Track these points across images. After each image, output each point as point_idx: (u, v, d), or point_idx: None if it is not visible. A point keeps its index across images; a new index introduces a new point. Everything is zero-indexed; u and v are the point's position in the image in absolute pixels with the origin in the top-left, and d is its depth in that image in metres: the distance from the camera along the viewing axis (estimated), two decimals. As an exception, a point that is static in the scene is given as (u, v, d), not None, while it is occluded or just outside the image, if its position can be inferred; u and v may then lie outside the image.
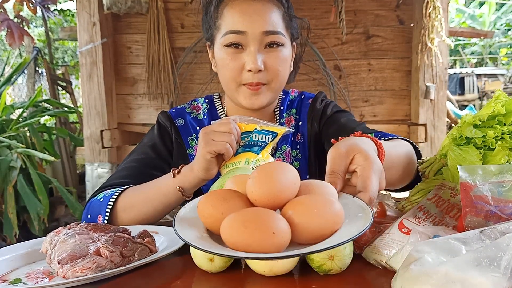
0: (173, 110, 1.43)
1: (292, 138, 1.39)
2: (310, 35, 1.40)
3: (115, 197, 1.18)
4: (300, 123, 1.41)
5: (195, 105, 1.45)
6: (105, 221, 1.15)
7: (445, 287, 0.59)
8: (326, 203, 0.62)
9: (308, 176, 1.38)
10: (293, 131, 1.34)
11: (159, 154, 1.36)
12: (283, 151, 1.37)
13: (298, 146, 1.40)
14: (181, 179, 1.13)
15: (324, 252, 0.81)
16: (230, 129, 1.08)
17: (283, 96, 1.46)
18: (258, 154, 1.12)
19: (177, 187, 1.12)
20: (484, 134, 0.95)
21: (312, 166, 1.40)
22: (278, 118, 1.42)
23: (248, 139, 1.16)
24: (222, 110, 1.43)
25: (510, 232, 0.62)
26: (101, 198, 1.20)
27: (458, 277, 0.58)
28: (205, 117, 1.42)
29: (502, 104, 0.96)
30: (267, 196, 0.62)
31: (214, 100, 1.46)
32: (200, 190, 1.26)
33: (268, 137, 1.17)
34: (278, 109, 1.43)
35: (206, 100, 1.46)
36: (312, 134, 1.40)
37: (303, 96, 1.47)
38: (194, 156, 1.33)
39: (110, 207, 1.16)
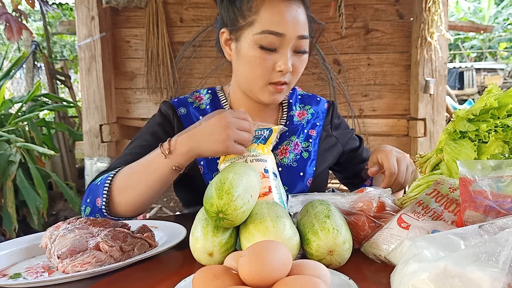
0: (176, 100, 1.45)
1: (306, 131, 1.45)
2: (322, 35, 1.44)
3: (110, 178, 1.18)
4: (317, 123, 1.48)
5: (197, 96, 1.47)
6: (104, 203, 1.15)
7: (444, 282, 0.59)
8: (312, 285, 0.62)
9: (314, 168, 1.41)
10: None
11: (160, 141, 1.37)
12: (292, 141, 1.42)
13: (311, 140, 1.45)
14: (176, 159, 1.13)
15: (323, 246, 0.81)
16: (250, 123, 1.14)
17: (291, 91, 1.53)
18: (256, 143, 1.17)
19: (174, 168, 1.13)
20: (477, 128, 0.95)
21: (320, 160, 1.45)
22: (286, 110, 1.47)
23: None
24: (225, 101, 1.45)
25: (509, 227, 0.63)
26: (98, 181, 1.21)
27: (457, 272, 0.58)
28: (207, 107, 1.43)
29: (495, 98, 0.96)
30: (256, 275, 0.64)
31: (217, 91, 1.48)
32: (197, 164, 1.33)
33: (264, 131, 1.24)
34: (286, 102, 1.49)
35: (209, 91, 1.48)
36: (324, 138, 1.48)
37: (318, 99, 1.56)
38: None
39: (107, 188, 1.17)
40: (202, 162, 1.36)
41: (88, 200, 1.21)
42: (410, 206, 0.94)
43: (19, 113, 4.38)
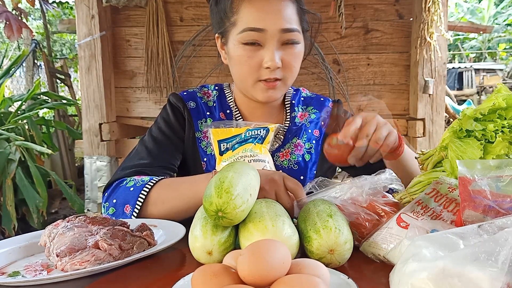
0: (185, 93, 1.45)
1: (310, 131, 1.44)
2: (320, 27, 1.42)
3: (147, 189, 1.17)
4: (322, 123, 1.47)
5: (206, 91, 1.48)
6: (134, 213, 1.15)
7: (443, 281, 0.59)
8: (311, 284, 0.62)
9: (315, 171, 1.42)
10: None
11: (174, 131, 1.39)
12: (293, 143, 1.40)
13: (314, 141, 1.43)
14: None
15: (324, 245, 0.81)
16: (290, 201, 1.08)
17: (294, 92, 1.52)
18: (253, 143, 1.16)
19: None
20: (484, 127, 0.95)
21: (322, 162, 1.44)
22: (289, 111, 1.46)
23: (244, 136, 1.20)
24: (231, 97, 1.45)
25: (508, 227, 0.63)
26: (131, 187, 1.20)
27: (456, 271, 0.58)
28: (214, 104, 1.44)
29: (503, 98, 0.96)
30: (254, 274, 0.64)
31: (224, 88, 1.49)
32: None
33: (260, 131, 1.25)
34: (288, 102, 1.48)
35: (216, 88, 1.49)
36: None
37: (322, 99, 1.53)
38: (202, 139, 1.37)
39: (141, 200, 1.16)
40: (205, 159, 1.37)
41: (114, 201, 1.20)
42: (409, 205, 0.94)
43: (19, 112, 4.38)
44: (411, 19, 3.59)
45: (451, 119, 6.39)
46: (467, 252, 0.60)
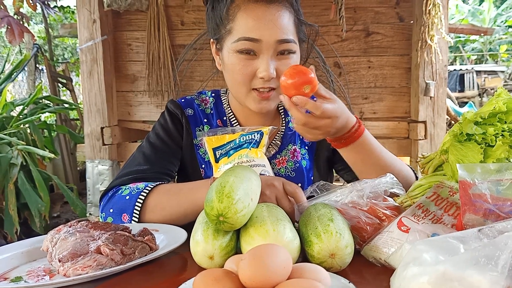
0: (182, 100, 1.45)
1: (301, 137, 1.41)
2: (317, 38, 1.40)
3: (143, 197, 1.17)
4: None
5: (203, 98, 1.47)
6: (133, 221, 1.15)
7: (443, 285, 0.59)
8: None
9: (312, 178, 1.41)
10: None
11: (172, 138, 1.38)
12: (289, 150, 1.40)
13: (307, 147, 1.43)
14: None
15: (325, 249, 0.82)
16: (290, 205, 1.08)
17: None
18: (248, 148, 1.19)
19: None
20: (484, 131, 0.95)
21: (320, 168, 1.43)
22: (283, 116, 1.45)
23: (238, 141, 1.20)
24: (227, 105, 1.44)
25: (508, 231, 0.63)
26: (127, 195, 1.19)
27: (456, 275, 0.59)
28: (212, 111, 1.43)
29: (504, 102, 0.96)
30: (256, 278, 0.64)
31: (221, 94, 1.48)
32: None
33: (254, 135, 1.24)
34: (282, 106, 1.46)
35: (213, 94, 1.48)
36: (320, 144, 1.43)
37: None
38: (200, 147, 1.37)
39: (138, 208, 1.16)
40: (203, 166, 1.36)
41: (111, 210, 1.19)
42: (410, 209, 0.94)
43: (21, 116, 4.39)
44: (412, 21, 3.59)
45: (453, 122, 6.38)
46: (468, 256, 0.60)
